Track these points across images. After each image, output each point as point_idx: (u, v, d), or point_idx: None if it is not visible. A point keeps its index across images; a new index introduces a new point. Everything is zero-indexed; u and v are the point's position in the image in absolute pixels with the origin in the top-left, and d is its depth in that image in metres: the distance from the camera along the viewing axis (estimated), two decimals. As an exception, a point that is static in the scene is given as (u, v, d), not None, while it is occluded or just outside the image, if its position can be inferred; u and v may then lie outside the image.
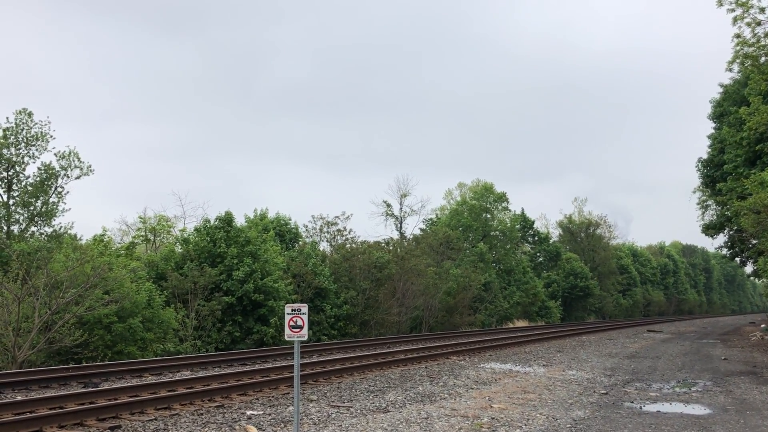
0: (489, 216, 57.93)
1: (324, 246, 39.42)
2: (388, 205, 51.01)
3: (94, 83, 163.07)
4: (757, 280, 51.35)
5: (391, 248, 39.56)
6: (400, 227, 51.52)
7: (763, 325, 37.60)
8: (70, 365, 16.91)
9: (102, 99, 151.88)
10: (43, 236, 25.68)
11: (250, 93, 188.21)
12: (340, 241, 38.45)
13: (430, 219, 58.05)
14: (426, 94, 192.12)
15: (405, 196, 51.09)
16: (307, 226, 40.10)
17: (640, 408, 11.25)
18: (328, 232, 39.63)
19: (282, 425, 9.47)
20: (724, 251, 38.05)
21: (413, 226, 67.02)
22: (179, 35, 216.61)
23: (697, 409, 11.18)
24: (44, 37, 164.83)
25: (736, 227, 30.62)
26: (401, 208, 51.44)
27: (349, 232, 38.85)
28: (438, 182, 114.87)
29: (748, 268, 44.56)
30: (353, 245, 37.09)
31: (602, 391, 13.24)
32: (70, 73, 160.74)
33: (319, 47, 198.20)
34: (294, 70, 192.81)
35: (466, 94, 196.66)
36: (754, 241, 29.95)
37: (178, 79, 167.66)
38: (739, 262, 40.22)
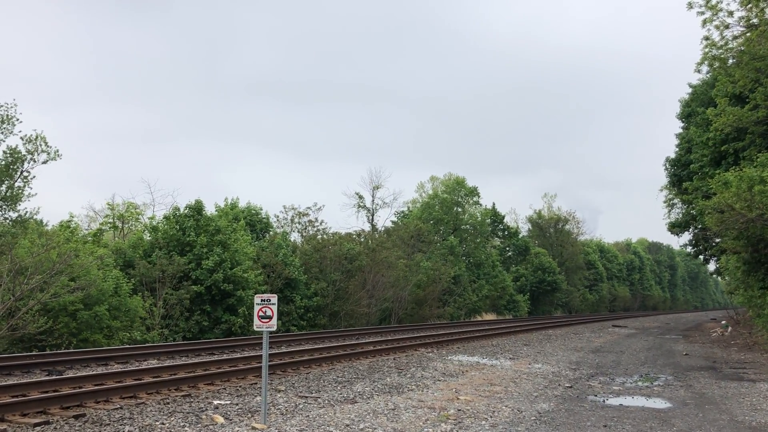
0: (460, 210, 58.30)
1: (295, 237, 39.34)
2: (361, 197, 51.09)
3: (53, 64, 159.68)
4: (719, 277, 52.40)
5: (362, 240, 39.60)
6: (372, 219, 51.65)
7: (723, 322, 38.47)
8: (34, 353, 16.66)
9: (62, 81, 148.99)
10: (7, 221, 25.12)
11: (216, 79, 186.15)
12: (311, 232, 38.39)
13: (402, 211, 58.26)
14: (397, 86, 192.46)
15: (377, 188, 51.21)
16: (278, 217, 39.97)
17: (604, 401, 11.47)
18: (299, 223, 39.54)
19: (249, 415, 9.46)
20: (689, 249, 38.75)
21: (385, 219, 67.15)
22: (142, 17, 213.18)
23: (659, 403, 11.44)
24: (2, 14, 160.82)
25: (700, 226, 31.19)
26: (373, 200, 51.56)
27: (321, 223, 38.86)
28: (410, 175, 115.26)
29: (711, 266, 45.50)
30: (324, 236, 37.06)
31: (567, 385, 13.46)
32: (29, 52, 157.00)
33: (287, 37, 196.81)
34: (262, 57, 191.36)
35: (438, 87, 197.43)
36: (717, 240, 30.56)
37: (141, 61, 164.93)
38: (702, 259, 40.96)
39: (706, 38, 22.79)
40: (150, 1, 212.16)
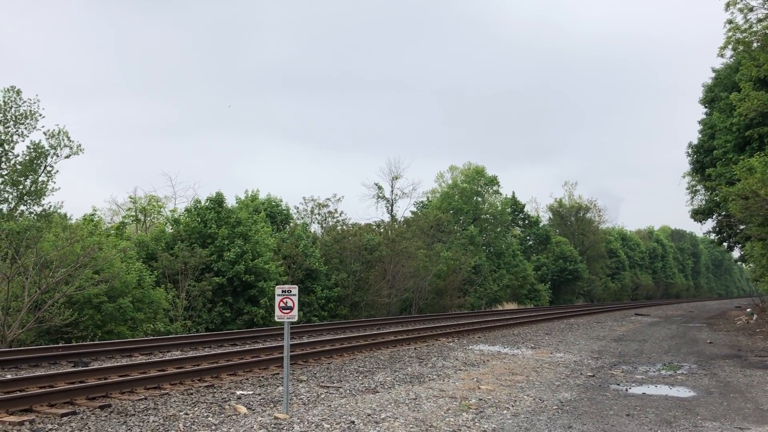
0: (480, 199, 58.07)
1: (315, 228, 39.47)
2: (380, 188, 51.07)
3: (74, 59, 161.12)
4: (744, 264, 51.69)
5: (381, 230, 39.63)
6: (391, 210, 51.63)
7: (748, 309, 38.00)
8: (60, 344, 16.92)
9: (83, 75, 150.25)
10: (32, 215, 25.50)
11: (236, 71, 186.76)
12: (331, 223, 38.48)
13: (422, 202, 58.18)
14: (415, 76, 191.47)
15: (396, 178, 51.15)
16: (298, 208, 40.10)
17: (626, 390, 11.39)
18: (319, 214, 39.63)
19: (272, 405, 9.54)
20: (712, 236, 38.26)
21: (404, 209, 67.19)
22: (162, 9, 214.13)
23: (682, 392, 11.34)
24: (23, 10, 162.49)
25: (724, 212, 30.79)
26: (392, 191, 51.51)
27: (340, 214, 38.91)
28: (429, 165, 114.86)
29: (736, 253, 44.93)
30: (344, 227, 37.14)
31: (589, 374, 13.39)
32: (49, 47, 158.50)
33: (307, 29, 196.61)
34: (281, 49, 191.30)
35: (457, 76, 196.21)
36: (741, 227, 30.16)
37: (161, 54, 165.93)
38: (726, 247, 40.48)
39: (730, 21, 22.39)
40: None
